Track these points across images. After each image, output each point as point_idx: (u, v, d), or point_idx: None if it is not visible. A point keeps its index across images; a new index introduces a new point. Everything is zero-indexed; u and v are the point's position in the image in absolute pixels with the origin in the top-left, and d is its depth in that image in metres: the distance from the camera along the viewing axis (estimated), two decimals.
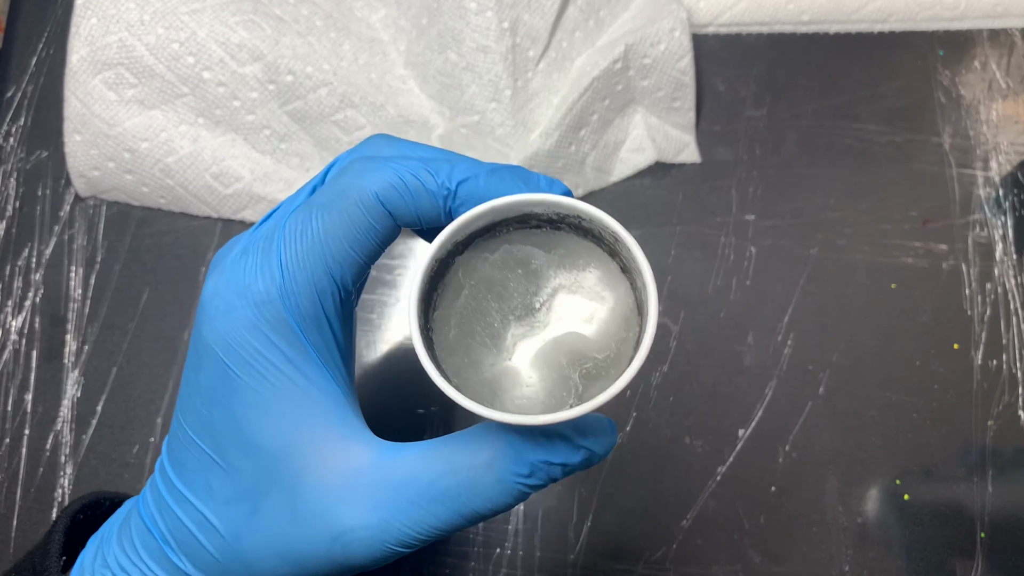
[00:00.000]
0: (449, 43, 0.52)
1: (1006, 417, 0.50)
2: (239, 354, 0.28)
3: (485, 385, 0.29)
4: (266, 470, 0.28)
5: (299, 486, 0.28)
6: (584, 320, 0.29)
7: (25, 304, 0.53)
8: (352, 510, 0.28)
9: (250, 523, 0.29)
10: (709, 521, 0.49)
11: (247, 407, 0.28)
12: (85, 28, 0.52)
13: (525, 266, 0.29)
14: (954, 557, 0.48)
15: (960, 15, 0.58)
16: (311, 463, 0.28)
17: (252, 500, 0.29)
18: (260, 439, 0.28)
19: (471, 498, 0.28)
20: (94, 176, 0.54)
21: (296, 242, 0.28)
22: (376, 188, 0.28)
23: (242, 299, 0.28)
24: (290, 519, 0.28)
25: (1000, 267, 0.53)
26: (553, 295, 0.30)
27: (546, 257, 0.30)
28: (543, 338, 0.29)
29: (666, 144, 0.55)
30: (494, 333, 0.29)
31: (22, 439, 0.50)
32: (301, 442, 0.28)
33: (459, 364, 0.29)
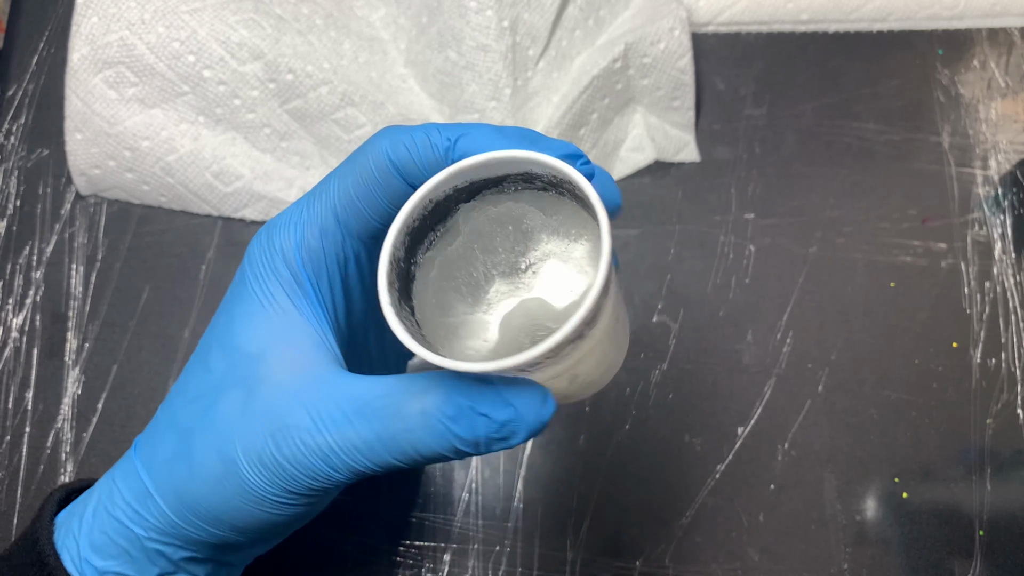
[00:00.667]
0: (449, 42, 0.52)
1: (1005, 416, 0.51)
2: (254, 269, 0.31)
3: (444, 328, 0.29)
4: (235, 369, 0.30)
5: (257, 387, 0.30)
6: (567, 291, 0.29)
7: (26, 302, 0.53)
8: (294, 411, 0.29)
9: (204, 417, 0.30)
10: (708, 519, 0.49)
11: (241, 314, 0.31)
12: (86, 27, 0.52)
13: (517, 224, 0.29)
14: (953, 555, 0.48)
15: (959, 14, 0.59)
16: (277, 370, 0.30)
17: (213, 396, 0.30)
18: (240, 342, 0.31)
19: (393, 422, 0.28)
20: (95, 174, 0.54)
21: (318, 188, 0.31)
22: (386, 145, 0.30)
23: (270, 227, 0.32)
24: (239, 415, 0.30)
25: (999, 266, 0.53)
26: (543, 260, 0.29)
27: (542, 219, 0.29)
28: (520, 298, 0.29)
29: (666, 143, 0.55)
30: (474, 283, 0.29)
31: (23, 437, 0.51)
32: (274, 352, 0.30)
33: (427, 303, 0.29)
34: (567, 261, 0.29)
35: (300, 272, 0.31)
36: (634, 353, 0.52)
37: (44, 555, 0.32)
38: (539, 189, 0.30)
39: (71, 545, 0.33)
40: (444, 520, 0.49)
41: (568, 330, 0.25)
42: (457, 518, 0.49)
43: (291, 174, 0.55)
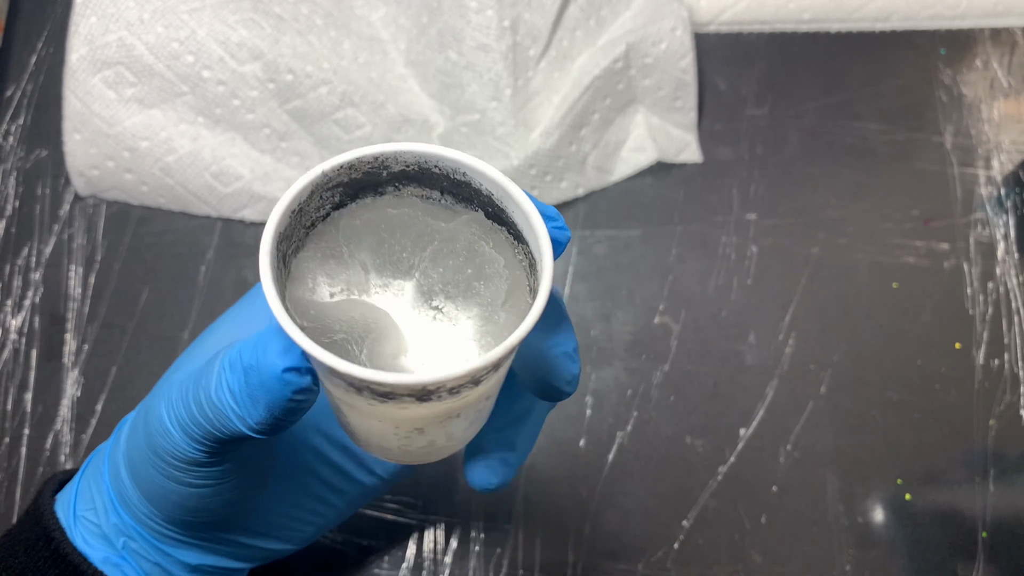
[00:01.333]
0: (449, 42, 0.52)
1: (1008, 416, 0.50)
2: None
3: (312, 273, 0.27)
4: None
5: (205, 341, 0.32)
6: (428, 342, 0.26)
7: (25, 303, 0.53)
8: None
9: (173, 371, 0.32)
10: (710, 521, 0.49)
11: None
12: (85, 27, 0.52)
13: (472, 257, 0.27)
14: (956, 557, 0.48)
15: (962, 14, 0.58)
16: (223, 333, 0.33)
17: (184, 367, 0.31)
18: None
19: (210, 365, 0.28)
20: (94, 175, 0.54)
21: None
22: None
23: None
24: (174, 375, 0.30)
25: (1002, 266, 0.53)
26: (454, 309, 0.27)
27: (482, 269, 0.27)
28: (397, 313, 0.26)
29: (667, 143, 0.55)
30: (382, 263, 0.27)
31: (22, 438, 0.50)
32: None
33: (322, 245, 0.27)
34: (457, 324, 0.26)
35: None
36: (635, 354, 0.52)
37: (49, 529, 0.33)
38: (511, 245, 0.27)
39: (66, 514, 0.34)
40: (445, 523, 0.49)
41: (494, 356, 0.23)
42: (458, 520, 0.49)
43: (291, 175, 0.54)
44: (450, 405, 0.25)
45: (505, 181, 0.26)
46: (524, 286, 0.27)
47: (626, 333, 0.52)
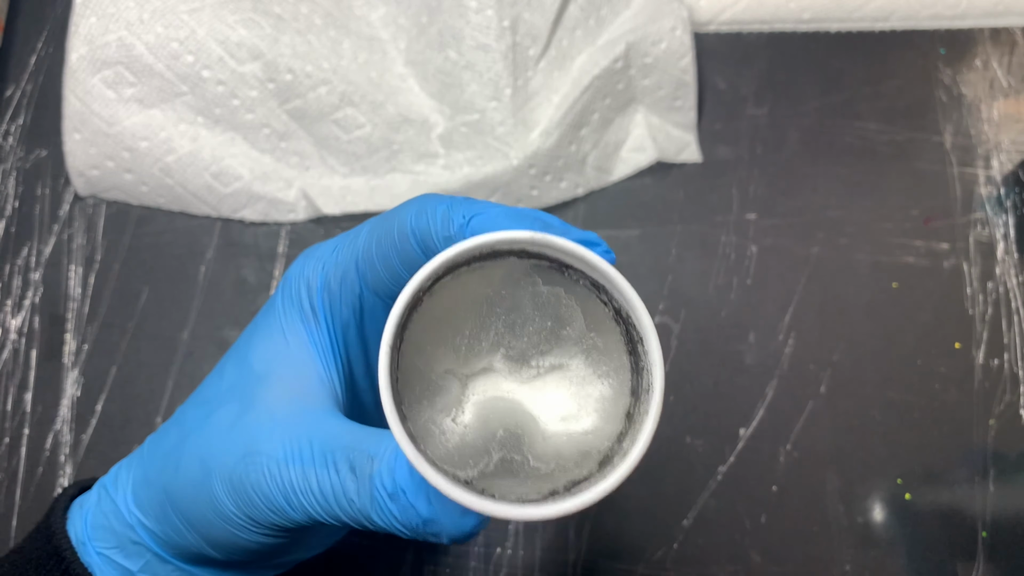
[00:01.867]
0: (449, 41, 0.52)
1: (1008, 416, 0.50)
2: (286, 293, 0.32)
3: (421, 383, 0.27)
4: (240, 383, 0.31)
5: (252, 406, 0.30)
6: (555, 416, 0.26)
7: (24, 303, 0.53)
8: (271, 438, 0.29)
9: (201, 422, 0.31)
10: (710, 521, 0.49)
11: (262, 332, 0.32)
12: (84, 27, 0.52)
13: (558, 324, 0.27)
14: (956, 557, 0.48)
15: (961, 13, 0.58)
16: (274, 394, 0.30)
17: (215, 404, 0.31)
18: (251, 358, 0.31)
19: (347, 479, 0.28)
20: (93, 175, 0.54)
21: (352, 233, 0.32)
22: (412, 213, 0.29)
23: (308, 256, 0.33)
24: (228, 428, 0.30)
25: (1002, 266, 0.53)
26: (555, 368, 0.27)
27: (581, 332, 0.27)
28: (510, 392, 0.26)
29: (667, 143, 0.55)
30: (477, 348, 0.27)
31: (21, 438, 0.50)
32: (277, 376, 0.31)
33: (422, 343, 0.27)
34: (578, 386, 0.26)
35: (320, 309, 0.31)
36: None
37: (60, 548, 0.33)
38: (589, 290, 0.27)
39: (77, 528, 0.34)
40: None
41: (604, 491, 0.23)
42: None
43: (290, 174, 0.54)
44: None
45: (615, 275, 0.25)
46: (595, 301, 0.27)
47: None
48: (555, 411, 0.26)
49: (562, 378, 0.27)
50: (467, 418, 0.26)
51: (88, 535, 0.33)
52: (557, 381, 0.27)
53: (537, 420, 0.26)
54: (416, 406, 0.26)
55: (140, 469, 0.33)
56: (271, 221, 0.54)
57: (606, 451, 0.26)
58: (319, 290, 0.31)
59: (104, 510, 0.33)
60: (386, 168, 0.54)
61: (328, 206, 0.53)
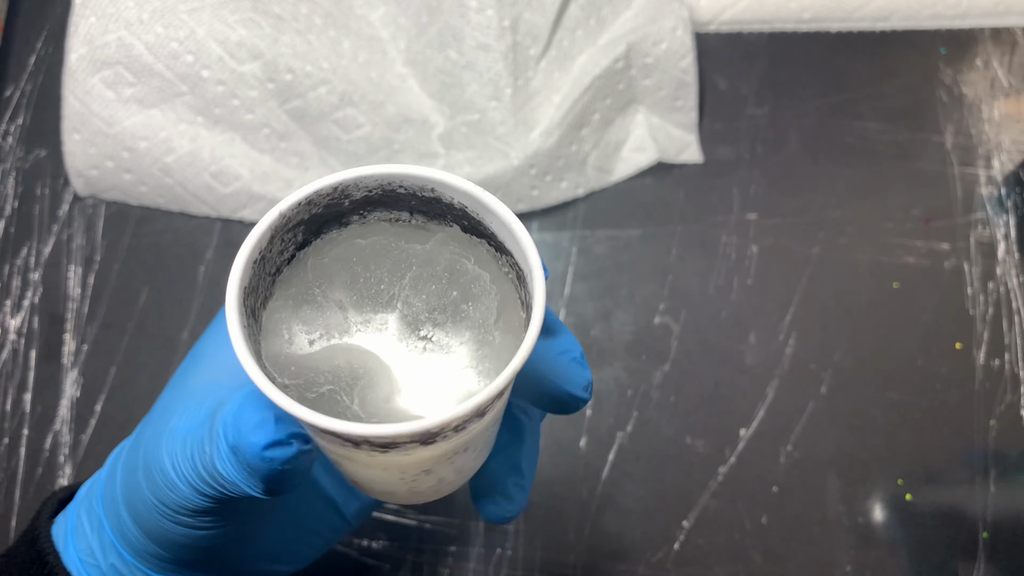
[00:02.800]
0: (449, 41, 0.52)
1: (1008, 417, 0.50)
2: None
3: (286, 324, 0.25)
4: (184, 376, 0.30)
5: (183, 389, 0.30)
6: (411, 389, 0.25)
7: (24, 304, 0.53)
8: (180, 413, 0.28)
9: (146, 425, 0.30)
10: (710, 521, 0.48)
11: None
12: (84, 27, 0.52)
13: (463, 287, 0.25)
14: (956, 557, 0.48)
15: (962, 13, 0.58)
16: (198, 375, 0.30)
17: (158, 405, 0.31)
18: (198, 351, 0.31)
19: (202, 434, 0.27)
20: (93, 175, 0.54)
21: None
22: None
23: None
24: (158, 416, 0.29)
25: (1002, 266, 0.53)
26: (437, 349, 0.25)
27: (487, 318, 0.25)
28: (385, 349, 0.25)
29: (668, 144, 0.55)
30: (358, 299, 0.25)
31: (21, 439, 0.50)
32: (209, 358, 0.30)
33: (310, 286, 0.25)
34: (450, 375, 0.25)
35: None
36: (636, 354, 0.52)
37: (44, 553, 0.32)
38: (516, 288, 0.25)
39: (61, 532, 0.33)
40: (445, 523, 0.48)
41: (499, 384, 0.21)
42: (458, 521, 0.48)
43: (290, 175, 0.54)
44: (456, 442, 0.24)
45: (477, 191, 0.24)
46: (515, 299, 0.26)
47: (626, 333, 0.52)
48: (411, 384, 0.25)
49: (440, 362, 0.25)
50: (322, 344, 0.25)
51: (69, 539, 0.33)
52: (433, 362, 0.25)
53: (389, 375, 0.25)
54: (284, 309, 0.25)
55: (109, 490, 0.32)
56: None
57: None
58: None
59: (79, 513, 0.33)
60: None
61: None
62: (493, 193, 0.27)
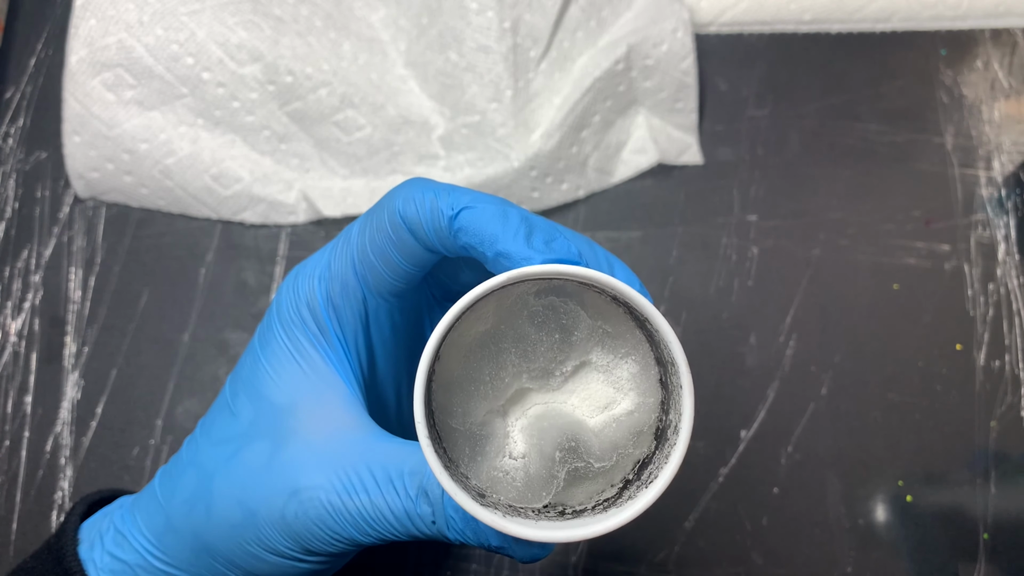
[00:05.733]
0: (450, 43, 0.52)
1: (1009, 418, 0.50)
2: (282, 318, 0.31)
3: (468, 441, 0.27)
4: (262, 420, 0.30)
5: (284, 440, 0.30)
6: (596, 407, 0.27)
7: (24, 306, 0.53)
8: (321, 471, 0.29)
9: (228, 463, 0.30)
10: (711, 523, 0.49)
11: (269, 362, 0.31)
12: (84, 29, 0.52)
13: (565, 333, 0.27)
14: (957, 558, 0.48)
15: (962, 14, 0.58)
16: (302, 424, 0.30)
17: (238, 443, 0.30)
18: (267, 390, 0.30)
19: (422, 503, 0.28)
20: (93, 177, 0.54)
21: (342, 237, 0.31)
22: (399, 202, 0.29)
23: (298, 275, 0.32)
24: (263, 467, 0.30)
25: (1003, 267, 0.53)
26: (579, 368, 0.27)
27: (589, 330, 0.27)
28: (546, 402, 0.27)
29: (668, 145, 0.55)
30: (502, 386, 0.27)
31: (22, 441, 0.50)
32: (300, 403, 0.30)
33: (451, 408, 0.27)
34: (605, 373, 0.27)
35: (327, 325, 0.31)
36: None
37: (71, 572, 0.32)
38: (582, 283, 0.27)
39: (91, 569, 0.33)
40: None
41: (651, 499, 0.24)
42: None
43: (290, 176, 0.54)
44: None
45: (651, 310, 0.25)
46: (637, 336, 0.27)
47: None
48: (595, 405, 0.27)
49: (589, 372, 0.27)
50: (520, 448, 0.27)
51: (98, 552, 0.33)
52: (586, 377, 0.27)
53: (582, 422, 0.27)
54: (473, 463, 0.27)
55: (160, 515, 0.32)
56: (271, 223, 0.54)
57: (655, 423, 0.26)
58: (322, 306, 0.31)
59: (124, 555, 0.33)
60: (387, 170, 0.54)
61: (328, 208, 0.53)
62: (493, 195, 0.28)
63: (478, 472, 0.27)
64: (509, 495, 0.26)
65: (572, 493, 0.27)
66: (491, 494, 0.26)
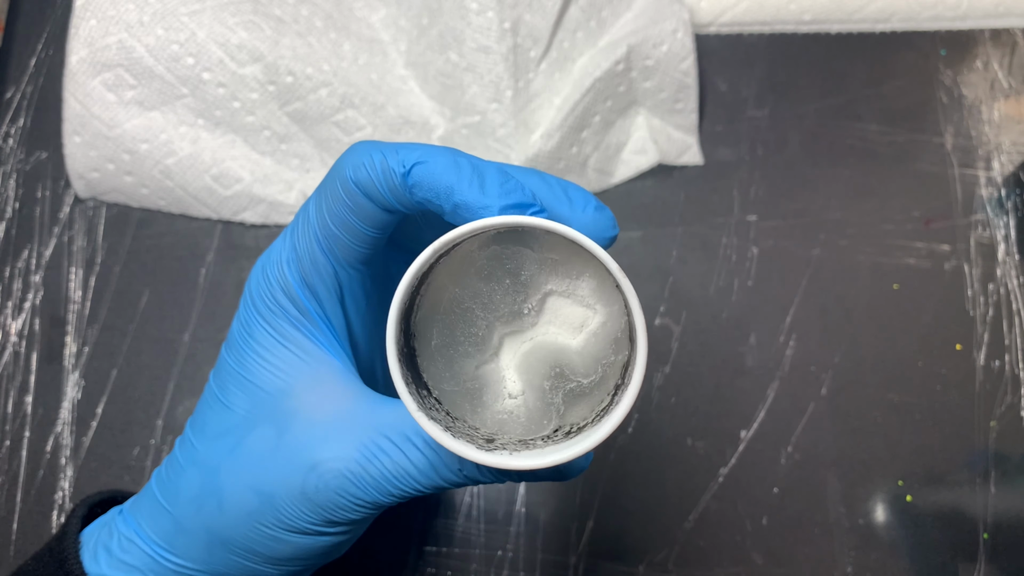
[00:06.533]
0: (450, 43, 0.52)
1: (1008, 418, 0.50)
2: (258, 307, 0.32)
3: (466, 397, 0.29)
4: (259, 407, 0.31)
5: (288, 422, 0.30)
6: (573, 328, 0.29)
7: (25, 306, 0.53)
8: (334, 444, 0.29)
9: (231, 455, 0.31)
10: (711, 522, 0.49)
11: (254, 351, 0.31)
12: (84, 29, 0.52)
13: (514, 276, 0.29)
14: (957, 558, 0.48)
15: (962, 15, 0.58)
16: (303, 404, 0.30)
17: (238, 434, 0.31)
18: (258, 378, 0.31)
19: (445, 453, 0.29)
20: (93, 178, 0.54)
21: (299, 217, 0.32)
22: (348, 168, 0.29)
23: (264, 265, 0.32)
24: (272, 450, 0.30)
25: (1002, 267, 0.53)
26: (544, 299, 0.29)
27: (537, 264, 0.29)
28: (530, 338, 0.29)
29: (668, 146, 0.55)
30: (479, 340, 0.29)
31: (22, 441, 0.50)
32: (295, 384, 0.31)
33: (440, 373, 0.29)
34: (569, 296, 0.29)
35: (306, 306, 0.31)
36: None
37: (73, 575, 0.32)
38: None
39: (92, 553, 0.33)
40: (446, 524, 0.48)
41: (627, 407, 0.25)
42: (459, 522, 0.49)
43: (291, 176, 0.54)
44: None
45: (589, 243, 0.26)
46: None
47: None
48: (572, 326, 0.29)
49: (555, 299, 0.29)
50: (518, 387, 0.29)
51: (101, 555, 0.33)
52: (553, 305, 0.29)
53: (566, 345, 0.29)
54: (475, 414, 0.29)
55: (166, 518, 0.32)
56: (272, 223, 0.54)
57: (626, 327, 0.28)
58: (297, 288, 0.31)
59: (134, 560, 0.33)
60: None
61: None
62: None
63: (484, 420, 0.28)
64: (517, 432, 0.28)
65: (574, 412, 0.29)
66: (500, 436, 0.28)
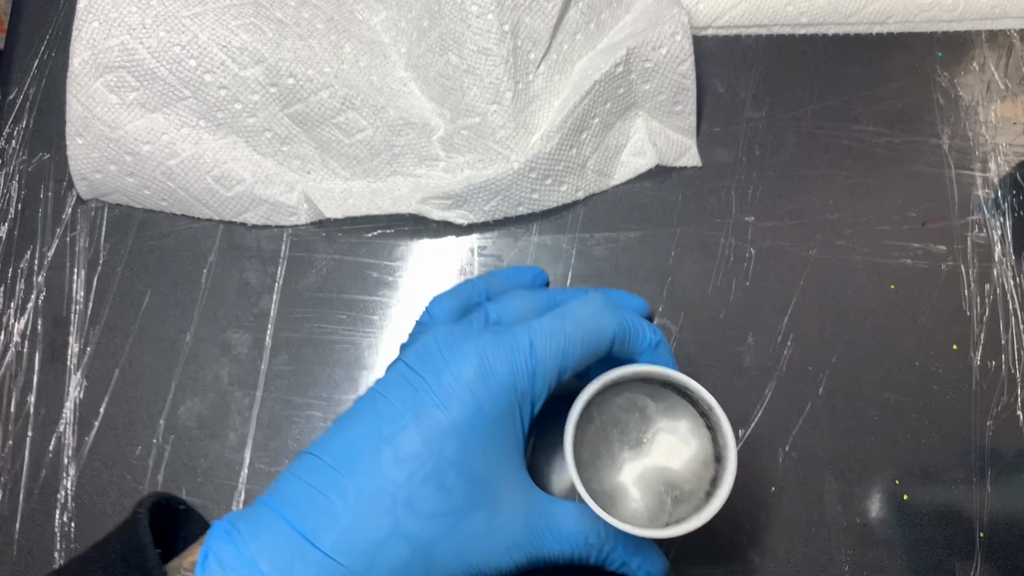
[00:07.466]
0: (450, 45, 0.52)
1: (1005, 417, 0.51)
2: (498, 406, 0.38)
3: (604, 496, 0.39)
4: (478, 495, 0.37)
5: (496, 510, 0.38)
6: (676, 456, 0.40)
7: (27, 306, 0.53)
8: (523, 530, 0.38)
9: (449, 534, 0.36)
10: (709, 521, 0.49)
11: (482, 446, 0.37)
12: (87, 31, 0.52)
13: (642, 412, 0.41)
14: (953, 557, 0.48)
15: (958, 16, 0.59)
16: (505, 496, 0.38)
17: (456, 516, 0.37)
18: (480, 470, 0.37)
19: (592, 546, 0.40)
20: (96, 179, 0.54)
21: (557, 342, 0.39)
22: (612, 328, 0.40)
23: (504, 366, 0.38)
24: (483, 532, 0.37)
25: (999, 268, 0.53)
26: (656, 433, 0.40)
27: (655, 406, 0.41)
28: (645, 464, 0.40)
29: (667, 148, 0.56)
30: (613, 455, 0.40)
31: (25, 441, 0.51)
32: (502, 478, 0.38)
33: (587, 477, 0.39)
34: (672, 433, 0.40)
35: (528, 421, 0.39)
36: None
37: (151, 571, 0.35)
38: (647, 381, 0.41)
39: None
40: None
41: (721, 501, 0.38)
42: None
43: (292, 178, 0.55)
44: None
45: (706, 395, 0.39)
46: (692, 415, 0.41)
47: None
48: (673, 454, 0.40)
49: (661, 435, 0.40)
50: (638, 495, 0.40)
51: None
52: (661, 439, 0.40)
53: (669, 467, 0.40)
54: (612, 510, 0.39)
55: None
56: (273, 224, 0.55)
57: (713, 452, 0.40)
58: (533, 406, 0.39)
59: None
60: (387, 171, 0.55)
61: (330, 209, 0.53)
62: (494, 196, 0.41)
63: (619, 514, 0.39)
64: (643, 524, 0.39)
65: (679, 511, 0.39)
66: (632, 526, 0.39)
